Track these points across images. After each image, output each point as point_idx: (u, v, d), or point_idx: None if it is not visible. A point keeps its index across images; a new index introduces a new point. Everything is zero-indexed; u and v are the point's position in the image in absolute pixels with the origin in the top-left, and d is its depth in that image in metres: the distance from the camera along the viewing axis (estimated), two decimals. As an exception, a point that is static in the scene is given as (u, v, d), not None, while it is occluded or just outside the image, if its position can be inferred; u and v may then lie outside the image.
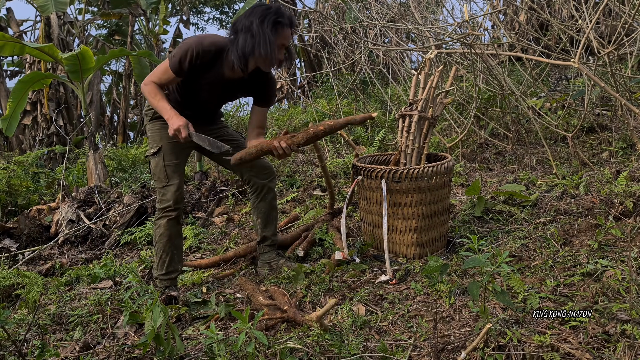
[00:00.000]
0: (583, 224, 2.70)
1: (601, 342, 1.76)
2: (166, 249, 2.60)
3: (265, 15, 2.30)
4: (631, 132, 3.64)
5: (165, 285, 2.63)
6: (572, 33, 4.34)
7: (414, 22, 5.35)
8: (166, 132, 2.55)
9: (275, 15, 2.30)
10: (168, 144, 2.58)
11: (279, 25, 2.31)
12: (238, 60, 2.33)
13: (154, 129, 2.61)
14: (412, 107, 2.85)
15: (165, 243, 2.60)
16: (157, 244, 2.62)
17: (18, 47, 5.25)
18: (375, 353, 1.88)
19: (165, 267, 2.62)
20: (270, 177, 2.82)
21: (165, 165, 2.57)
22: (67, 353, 2.22)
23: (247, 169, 2.75)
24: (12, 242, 4.14)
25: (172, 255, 2.62)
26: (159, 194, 2.60)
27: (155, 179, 2.61)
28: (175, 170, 2.59)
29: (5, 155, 7.68)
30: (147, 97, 2.46)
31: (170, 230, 2.59)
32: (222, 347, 1.85)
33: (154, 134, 2.61)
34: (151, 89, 2.44)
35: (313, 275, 2.68)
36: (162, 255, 2.61)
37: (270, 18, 2.29)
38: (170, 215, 2.58)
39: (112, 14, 9.58)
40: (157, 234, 2.61)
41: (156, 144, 2.59)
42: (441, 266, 1.91)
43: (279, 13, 2.32)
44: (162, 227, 2.58)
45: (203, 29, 16.81)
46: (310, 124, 2.78)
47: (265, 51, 2.29)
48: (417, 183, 2.61)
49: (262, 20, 2.29)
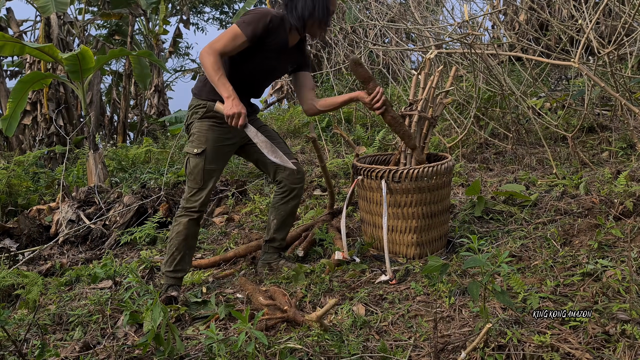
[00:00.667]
0: (583, 224, 2.70)
1: (601, 342, 1.76)
2: (180, 247, 2.61)
3: None
4: (631, 132, 3.64)
5: (170, 283, 2.62)
6: (572, 33, 4.34)
7: (414, 22, 5.35)
8: (214, 134, 2.55)
9: None
10: (213, 148, 2.55)
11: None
12: (297, 21, 2.44)
13: (202, 129, 2.55)
14: (412, 107, 2.84)
15: (181, 242, 2.60)
16: (172, 240, 2.62)
17: (18, 47, 5.25)
18: (375, 353, 1.88)
19: (174, 265, 2.62)
20: (301, 182, 2.79)
21: (204, 169, 2.55)
22: (67, 353, 2.22)
23: (280, 170, 2.72)
24: (12, 242, 4.15)
25: (183, 255, 2.63)
26: (189, 193, 2.59)
27: (190, 179, 2.59)
28: (212, 176, 2.58)
29: (5, 155, 7.68)
30: (208, 68, 2.35)
31: (188, 230, 2.60)
32: (222, 347, 1.85)
33: (201, 133, 2.55)
34: (215, 61, 2.35)
35: (313, 275, 2.68)
36: (174, 252, 2.61)
37: None
38: (192, 215, 2.59)
39: (112, 14, 9.59)
40: (175, 230, 2.61)
41: (201, 145, 2.54)
42: (441, 266, 1.91)
43: None
44: (182, 225, 2.59)
45: (203, 28, 16.82)
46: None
47: (323, 14, 2.42)
48: (417, 183, 2.61)
49: None
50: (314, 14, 2.41)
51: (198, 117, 2.57)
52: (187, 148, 2.59)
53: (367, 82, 2.52)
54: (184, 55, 16.85)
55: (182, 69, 16.40)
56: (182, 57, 16.85)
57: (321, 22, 2.44)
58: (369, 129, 5.80)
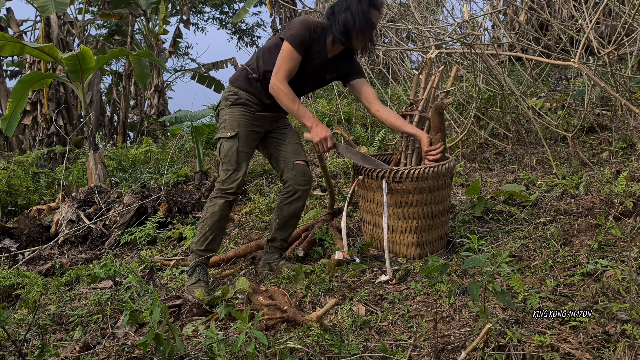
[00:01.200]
0: (583, 224, 2.70)
1: (601, 342, 1.76)
2: (213, 228, 2.65)
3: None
4: (631, 132, 3.64)
5: (199, 261, 2.66)
6: (572, 33, 4.34)
7: (414, 22, 5.35)
8: (245, 119, 2.65)
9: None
10: (245, 132, 2.65)
11: (373, 5, 2.51)
12: (340, 33, 2.51)
13: (234, 114, 2.66)
14: (412, 107, 2.84)
15: (215, 222, 2.64)
16: (205, 220, 2.66)
17: (18, 47, 5.25)
18: (375, 353, 1.88)
19: (205, 244, 2.67)
20: (307, 185, 2.80)
21: (239, 151, 2.63)
22: (67, 353, 2.22)
23: (288, 169, 2.77)
24: (12, 242, 4.14)
25: (215, 235, 2.68)
26: (224, 175, 2.65)
27: (225, 162, 2.65)
28: (245, 158, 2.66)
29: (5, 155, 7.68)
30: (283, 100, 2.51)
31: (222, 211, 2.65)
32: (222, 347, 1.85)
33: (234, 118, 2.65)
34: (287, 91, 2.51)
35: (313, 275, 2.68)
36: (207, 232, 2.66)
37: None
38: (229, 197, 2.64)
39: (112, 14, 9.59)
40: (209, 210, 2.65)
41: (234, 128, 2.64)
42: (441, 266, 1.91)
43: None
44: (218, 206, 2.63)
45: (203, 29, 16.82)
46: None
47: (364, 26, 2.49)
48: (418, 183, 2.60)
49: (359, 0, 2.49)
50: (355, 25, 2.49)
51: (229, 104, 2.68)
52: (220, 133, 2.68)
53: (437, 132, 2.64)
54: (184, 55, 16.85)
55: (182, 69, 16.40)
56: (182, 57, 16.86)
57: (364, 32, 2.52)
58: (369, 129, 5.80)
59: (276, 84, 2.50)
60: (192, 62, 17.23)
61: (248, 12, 10.55)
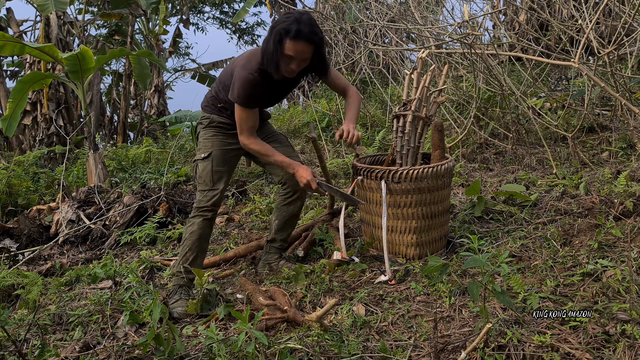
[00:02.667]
0: (583, 224, 2.70)
1: (601, 342, 1.76)
2: (193, 248, 2.63)
3: (275, 26, 2.34)
4: (631, 132, 3.64)
5: (181, 283, 2.63)
6: (572, 33, 4.34)
7: (414, 22, 5.35)
8: (218, 139, 2.66)
9: (282, 27, 2.29)
10: (219, 151, 2.65)
11: (283, 37, 2.30)
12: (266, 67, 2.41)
13: (208, 135, 2.68)
14: (405, 107, 2.84)
15: (194, 241, 2.62)
16: (185, 241, 2.64)
17: (18, 47, 5.25)
18: (375, 353, 1.88)
19: (188, 264, 2.63)
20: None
21: (212, 170, 2.63)
22: (67, 353, 2.22)
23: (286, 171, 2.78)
24: (12, 242, 4.14)
25: (196, 255, 2.64)
26: (200, 195, 2.65)
27: (200, 182, 2.66)
28: (221, 177, 2.66)
29: (5, 155, 7.67)
30: (261, 154, 2.55)
31: (202, 230, 2.63)
32: (222, 347, 1.85)
33: (207, 140, 2.67)
34: (260, 147, 2.54)
35: (313, 275, 2.68)
36: (187, 252, 2.63)
37: (277, 30, 2.31)
38: (206, 215, 2.63)
39: (112, 14, 9.58)
40: (188, 230, 2.64)
41: (207, 149, 2.65)
42: (441, 266, 1.91)
43: (289, 25, 2.28)
44: (196, 225, 2.62)
45: (203, 28, 16.82)
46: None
47: (269, 61, 2.36)
48: (417, 184, 2.60)
49: (271, 30, 2.37)
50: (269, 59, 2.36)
51: (203, 127, 2.70)
52: (196, 156, 2.71)
53: (436, 148, 2.85)
54: (184, 55, 16.85)
55: (182, 68, 16.40)
56: (182, 57, 16.86)
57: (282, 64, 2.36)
58: (369, 129, 5.80)
59: (246, 145, 2.54)
60: (192, 62, 17.23)
61: (248, 12, 10.55)
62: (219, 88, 2.64)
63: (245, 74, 2.43)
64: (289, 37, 2.29)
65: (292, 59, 2.35)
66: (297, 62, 2.37)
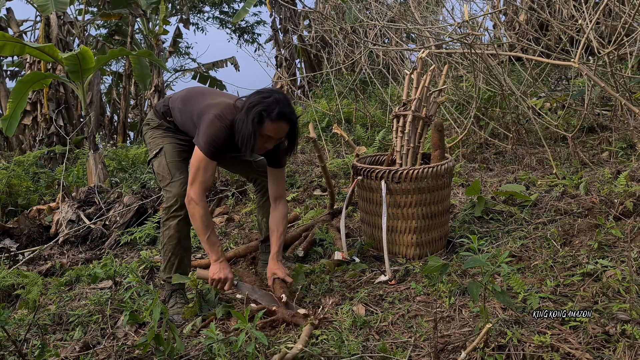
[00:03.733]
0: (583, 224, 2.70)
1: (601, 342, 1.76)
2: (175, 252, 2.52)
3: (254, 104, 2.27)
4: (631, 132, 3.64)
5: (173, 289, 2.56)
6: (572, 33, 4.34)
7: (414, 22, 5.35)
8: (167, 137, 2.59)
9: (262, 107, 2.25)
10: (169, 145, 2.58)
11: (264, 117, 2.25)
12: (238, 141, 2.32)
13: (156, 134, 2.61)
14: (405, 107, 2.84)
15: (175, 245, 2.51)
16: (165, 246, 2.53)
17: (18, 47, 5.25)
18: (375, 353, 1.88)
19: (174, 270, 2.54)
20: None
21: (167, 162, 2.55)
22: (67, 353, 2.22)
23: (253, 169, 2.76)
24: (12, 242, 4.14)
25: (181, 257, 2.54)
26: (165, 193, 2.56)
27: (160, 179, 2.58)
28: (178, 167, 2.55)
29: (5, 155, 7.67)
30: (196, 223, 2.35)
31: (180, 232, 2.50)
32: (222, 347, 1.85)
33: (155, 138, 2.60)
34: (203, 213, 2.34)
35: (313, 275, 2.68)
36: (170, 257, 2.53)
37: (257, 109, 2.25)
38: (179, 214, 2.49)
39: (112, 14, 9.58)
40: (165, 235, 2.52)
41: (158, 146, 2.58)
42: (441, 266, 1.91)
43: (270, 105, 2.25)
44: (172, 228, 2.49)
45: (203, 28, 16.81)
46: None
47: (244, 141, 2.28)
48: (417, 184, 2.60)
49: (249, 108, 2.27)
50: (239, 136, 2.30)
51: (150, 128, 2.63)
52: (149, 157, 2.63)
53: (436, 149, 2.84)
54: (184, 55, 16.85)
55: (182, 68, 16.40)
56: (182, 57, 16.86)
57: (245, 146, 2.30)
58: (369, 129, 5.80)
59: (192, 201, 2.34)
60: (192, 62, 17.24)
61: (248, 12, 10.55)
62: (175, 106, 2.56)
63: (218, 124, 2.32)
64: (269, 118, 2.24)
65: (270, 139, 2.33)
66: (274, 141, 2.36)
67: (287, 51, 11.27)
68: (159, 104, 2.67)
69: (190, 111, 2.47)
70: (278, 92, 2.33)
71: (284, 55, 11.29)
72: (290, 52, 11.29)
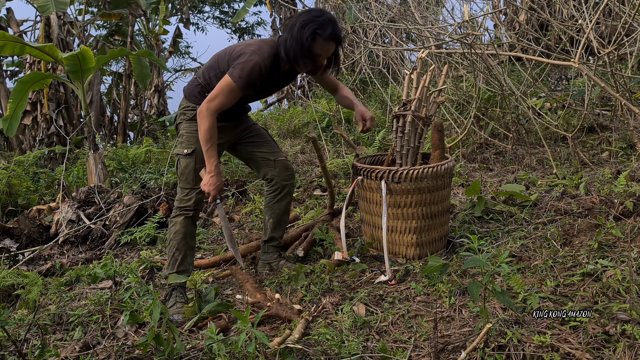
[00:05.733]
0: (583, 224, 2.70)
1: (601, 342, 1.76)
2: (180, 247, 2.58)
3: (308, 22, 2.34)
4: (631, 132, 3.64)
5: (174, 286, 2.57)
6: (572, 33, 4.34)
7: (414, 22, 5.35)
8: None
9: (316, 25, 2.33)
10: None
11: (317, 36, 2.34)
12: (285, 59, 2.41)
13: (191, 129, 2.56)
14: (405, 107, 2.84)
15: (180, 241, 2.58)
16: (171, 242, 2.60)
17: (18, 47, 5.25)
18: (375, 353, 1.88)
19: (177, 266, 2.58)
20: (292, 179, 2.81)
21: (195, 169, 2.56)
22: (67, 353, 2.22)
23: (270, 167, 2.75)
24: (12, 242, 4.14)
25: (185, 254, 2.60)
26: (182, 193, 2.59)
27: (182, 179, 2.59)
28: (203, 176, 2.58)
29: (6, 155, 7.67)
30: (201, 133, 2.39)
31: (186, 228, 2.59)
32: (222, 347, 1.85)
33: (190, 134, 2.56)
34: (209, 127, 2.38)
35: (313, 276, 2.68)
36: (175, 253, 2.59)
37: (311, 27, 2.33)
38: (188, 213, 2.59)
39: (112, 14, 9.58)
40: (172, 231, 2.60)
41: (191, 145, 2.55)
42: (441, 266, 1.91)
43: (323, 25, 2.34)
44: (179, 224, 2.58)
45: (203, 28, 16.82)
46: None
47: (300, 55, 2.37)
48: (417, 184, 2.60)
49: (303, 25, 2.34)
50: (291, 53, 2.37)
51: (187, 119, 2.59)
52: (177, 149, 2.61)
53: (436, 149, 2.85)
54: (184, 55, 16.86)
55: (182, 68, 16.41)
56: (182, 56, 16.86)
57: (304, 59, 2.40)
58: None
59: (203, 112, 2.38)
60: (193, 62, 17.24)
61: (248, 11, 10.55)
62: (209, 76, 2.53)
63: (257, 58, 2.37)
64: (322, 37, 2.35)
65: (320, 57, 2.43)
66: (322, 59, 2.47)
67: (287, 51, 11.24)
68: (189, 87, 2.62)
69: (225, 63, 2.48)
70: (328, 13, 2.43)
71: (284, 55, 11.27)
72: (290, 52, 11.26)
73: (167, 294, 2.59)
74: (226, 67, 2.47)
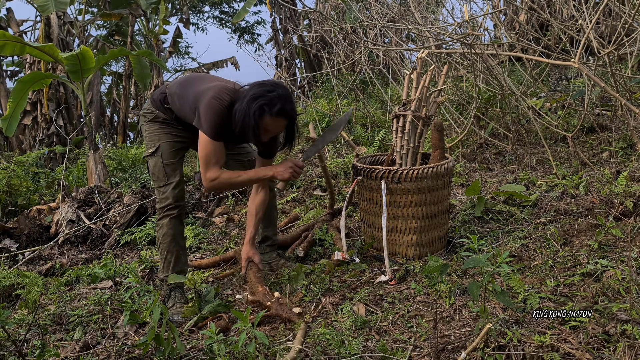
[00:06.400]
0: (583, 224, 2.70)
1: (601, 342, 1.76)
2: (171, 249, 2.56)
3: (258, 97, 2.27)
4: (631, 132, 3.64)
5: (172, 287, 2.57)
6: (572, 33, 4.34)
7: (414, 22, 5.35)
8: (165, 132, 2.57)
9: (264, 101, 2.25)
10: (166, 144, 2.57)
11: (264, 112, 2.26)
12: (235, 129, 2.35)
13: (152, 129, 2.58)
14: (405, 107, 2.84)
15: (170, 243, 2.56)
16: (160, 245, 2.58)
17: (18, 47, 5.25)
18: (375, 353, 1.88)
19: (171, 268, 2.57)
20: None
21: (163, 164, 2.55)
22: (67, 353, 2.22)
23: (248, 168, 2.74)
24: (12, 242, 4.14)
25: (177, 255, 2.58)
26: (159, 193, 2.58)
27: (155, 179, 2.59)
28: (174, 169, 2.57)
29: (6, 155, 7.67)
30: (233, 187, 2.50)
31: (173, 229, 2.56)
32: (222, 347, 1.85)
33: (152, 134, 2.58)
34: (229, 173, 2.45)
35: (313, 276, 2.68)
36: (167, 255, 2.57)
37: (259, 101, 2.25)
38: (172, 213, 2.56)
39: (112, 14, 9.58)
40: (160, 234, 2.57)
41: (154, 143, 2.57)
42: (441, 266, 1.91)
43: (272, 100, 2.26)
44: (165, 226, 2.55)
45: (203, 28, 16.81)
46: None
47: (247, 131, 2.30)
48: (417, 184, 2.60)
49: (252, 98, 2.27)
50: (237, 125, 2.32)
51: (147, 120, 2.61)
52: (145, 152, 2.62)
53: (436, 149, 2.85)
54: (184, 55, 16.85)
55: (182, 68, 16.40)
56: (182, 56, 16.86)
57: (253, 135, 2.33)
58: (369, 129, 5.79)
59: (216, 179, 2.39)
60: (193, 62, 17.24)
61: (248, 11, 10.55)
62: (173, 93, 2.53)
63: (216, 104, 2.33)
64: (270, 113, 2.26)
65: (268, 132, 2.36)
66: (271, 134, 2.40)
67: (287, 51, 11.27)
68: (156, 92, 2.64)
69: (188, 95, 2.46)
70: (282, 87, 2.33)
71: (284, 55, 11.29)
72: (290, 52, 11.29)
73: (165, 295, 2.58)
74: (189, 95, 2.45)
